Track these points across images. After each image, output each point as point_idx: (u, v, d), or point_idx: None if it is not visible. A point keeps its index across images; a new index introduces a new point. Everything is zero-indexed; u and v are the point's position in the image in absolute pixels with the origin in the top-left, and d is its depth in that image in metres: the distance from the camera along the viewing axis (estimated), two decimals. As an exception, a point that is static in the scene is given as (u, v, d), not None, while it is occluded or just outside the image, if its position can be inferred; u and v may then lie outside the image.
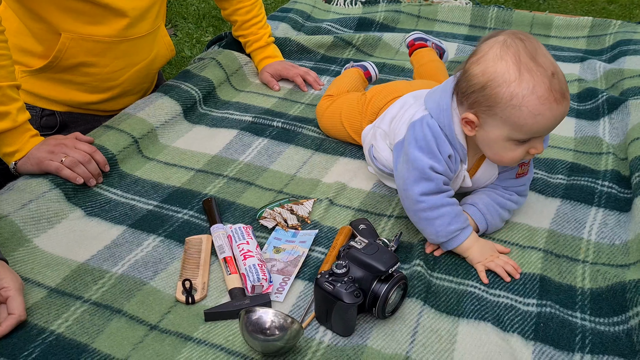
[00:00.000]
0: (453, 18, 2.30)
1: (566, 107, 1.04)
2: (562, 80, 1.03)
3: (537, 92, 1.01)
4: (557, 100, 1.02)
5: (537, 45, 1.04)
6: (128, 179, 1.37)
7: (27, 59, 1.43)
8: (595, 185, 1.35)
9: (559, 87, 1.02)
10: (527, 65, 1.01)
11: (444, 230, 1.12)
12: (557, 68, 1.04)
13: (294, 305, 1.05)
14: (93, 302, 1.04)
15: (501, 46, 1.04)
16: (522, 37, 1.05)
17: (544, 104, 1.01)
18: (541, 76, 1.01)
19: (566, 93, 1.03)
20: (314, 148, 1.51)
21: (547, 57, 1.04)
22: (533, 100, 1.01)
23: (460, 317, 1.02)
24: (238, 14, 1.81)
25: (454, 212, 1.13)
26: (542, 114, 1.02)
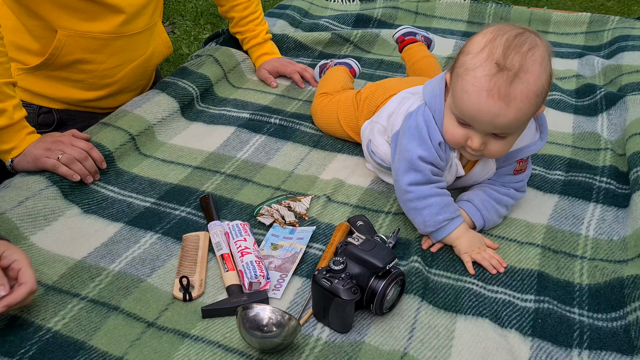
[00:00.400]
0: (451, 14, 2.30)
1: (501, 110, 1.00)
2: (516, 85, 0.98)
3: (477, 73, 1.01)
4: (489, 93, 0.99)
5: (527, 43, 1.00)
6: (125, 176, 1.36)
7: (24, 56, 1.42)
8: (593, 181, 1.35)
9: (502, 84, 0.99)
10: (493, 49, 1.00)
11: (431, 220, 1.13)
12: (525, 73, 0.99)
13: (292, 302, 1.05)
14: (90, 300, 1.04)
15: (497, 27, 1.04)
16: (525, 31, 1.02)
17: (475, 86, 1.01)
18: (493, 64, 0.99)
19: (509, 98, 0.99)
20: (311, 145, 1.50)
21: (525, 58, 0.99)
22: (469, 77, 1.01)
23: (458, 314, 1.02)
24: (235, 11, 1.80)
25: (442, 202, 1.14)
26: (469, 95, 1.02)
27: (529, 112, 1.03)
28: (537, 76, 1.01)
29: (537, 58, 1.01)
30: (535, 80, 1.01)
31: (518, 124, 1.05)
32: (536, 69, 1.00)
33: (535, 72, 1.00)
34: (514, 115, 1.01)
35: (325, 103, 1.52)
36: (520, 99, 1.00)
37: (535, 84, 1.01)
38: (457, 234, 1.14)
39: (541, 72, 1.01)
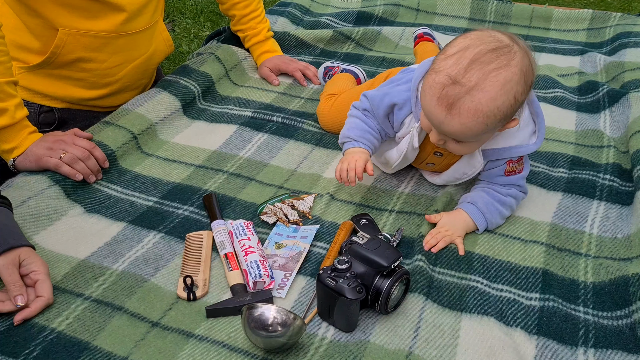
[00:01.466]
0: (452, 11, 2.29)
1: (445, 119, 1.02)
2: (464, 100, 0.99)
3: (436, 77, 1.03)
4: (439, 101, 1.02)
5: (495, 62, 0.99)
6: (128, 175, 1.36)
7: (25, 55, 1.42)
8: (597, 179, 1.34)
9: (451, 98, 1.00)
10: (460, 59, 1.01)
11: (342, 134, 1.28)
12: (478, 91, 0.99)
13: (296, 301, 1.05)
14: (94, 300, 1.03)
15: (478, 34, 1.04)
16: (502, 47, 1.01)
17: (431, 89, 1.04)
18: (450, 74, 1.00)
19: (453, 110, 1.01)
20: (314, 143, 1.50)
21: (485, 77, 0.99)
22: (430, 79, 1.05)
23: (463, 312, 1.01)
24: (236, 9, 1.79)
25: (358, 125, 1.25)
26: (424, 95, 1.06)
27: (476, 129, 1.03)
28: (492, 97, 1.00)
29: (500, 80, 1.00)
30: (489, 101, 1.00)
31: (466, 136, 1.06)
32: (493, 90, 1.00)
33: (491, 92, 1.00)
34: (458, 128, 1.03)
35: (332, 102, 1.52)
36: (466, 116, 1.01)
37: (487, 105, 1.00)
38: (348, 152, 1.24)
39: (499, 94, 1.00)
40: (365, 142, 1.24)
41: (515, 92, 1.02)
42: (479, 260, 1.13)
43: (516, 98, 1.03)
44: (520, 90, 1.03)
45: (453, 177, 1.27)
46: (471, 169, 1.22)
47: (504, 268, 1.11)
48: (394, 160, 1.28)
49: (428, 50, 1.73)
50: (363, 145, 1.24)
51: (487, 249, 1.16)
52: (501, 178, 1.21)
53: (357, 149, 1.23)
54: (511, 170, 1.20)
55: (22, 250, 1.02)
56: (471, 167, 1.22)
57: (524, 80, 1.03)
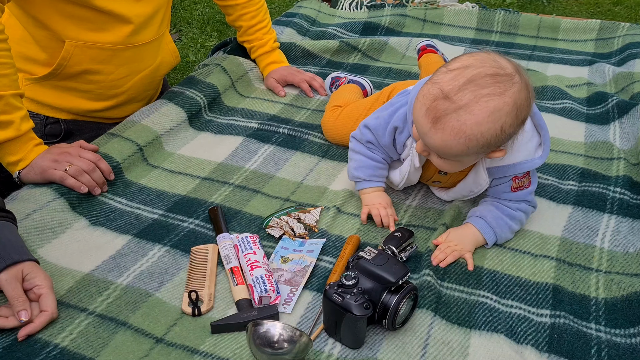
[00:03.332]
0: (459, 22, 2.28)
1: (430, 132, 1.02)
2: (450, 118, 0.99)
3: (431, 88, 1.02)
4: (427, 112, 1.02)
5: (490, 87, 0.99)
6: (133, 188, 1.35)
7: (31, 66, 1.42)
8: (607, 192, 1.32)
9: (439, 112, 1.00)
10: (458, 76, 1.00)
11: (350, 172, 1.30)
12: (467, 113, 0.98)
13: (302, 317, 1.03)
14: (98, 315, 1.02)
15: (483, 56, 1.03)
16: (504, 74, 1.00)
17: (423, 98, 1.03)
18: (444, 89, 1.00)
19: (438, 125, 1.00)
20: (320, 155, 1.49)
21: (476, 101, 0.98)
22: (425, 88, 1.04)
23: (472, 329, 1.00)
24: (243, 20, 1.79)
25: (365, 163, 1.27)
26: (417, 102, 1.05)
27: (456, 149, 1.02)
28: (477, 122, 0.99)
29: (490, 107, 0.99)
30: (474, 125, 0.99)
31: (445, 154, 1.05)
32: (481, 115, 0.99)
33: (478, 117, 0.99)
34: (439, 143, 1.03)
35: (338, 114, 1.51)
36: (449, 133, 1.01)
37: (471, 128, 0.99)
38: (365, 192, 1.28)
39: (486, 121, 0.99)
40: (377, 180, 1.28)
41: (503, 123, 1.00)
42: (488, 275, 1.11)
43: (503, 129, 1.01)
44: (509, 122, 1.01)
45: (460, 194, 1.26)
46: (477, 187, 1.21)
47: (513, 283, 1.09)
48: (397, 182, 1.29)
49: (432, 61, 1.72)
50: (376, 184, 1.28)
51: (496, 264, 1.14)
52: (508, 194, 1.19)
53: (373, 191, 1.27)
54: (518, 186, 1.18)
55: (25, 265, 1.01)
56: (477, 185, 1.20)
57: (516, 114, 1.01)
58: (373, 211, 1.24)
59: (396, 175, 1.28)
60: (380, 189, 1.28)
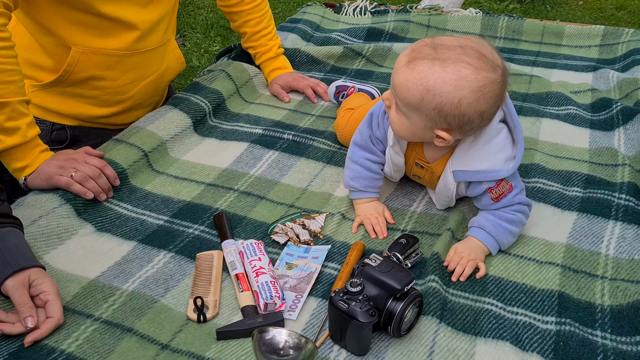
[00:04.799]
0: (463, 27, 2.28)
1: (402, 70, 1.05)
2: (422, 64, 1.02)
3: (424, 39, 1.08)
4: (410, 52, 1.06)
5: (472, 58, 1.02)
6: (138, 194, 1.36)
7: (37, 73, 1.42)
8: (612, 198, 1.32)
9: (419, 53, 1.04)
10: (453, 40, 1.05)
11: (346, 181, 1.31)
12: (437, 64, 1.01)
13: (307, 323, 1.03)
14: (104, 321, 1.02)
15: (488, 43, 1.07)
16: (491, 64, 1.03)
17: (411, 46, 1.07)
18: (435, 40, 1.05)
19: (411, 64, 1.04)
20: (325, 161, 1.49)
21: (453, 61, 1.01)
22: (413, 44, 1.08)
23: (478, 336, 1.00)
24: (247, 26, 1.80)
25: (362, 174, 1.28)
26: (405, 50, 1.08)
27: (412, 96, 1.05)
28: (444, 80, 1.02)
29: (462, 73, 1.01)
30: (439, 79, 1.02)
31: (402, 96, 1.06)
32: (450, 75, 1.01)
33: (446, 75, 1.02)
34: (402, 81, 1.05)
35: (350, 115, 1.51)
36: (415, 75, 1.03)
37: (435, 81, 1.02)
38: (358, 202, 1.30)
39: (451, 83, 1.01)
40: (371, 191, 1.30)
41: (462, 97, 1.02)
42: (493, 282, 1.11)
43: (460, 102, 1.02)
44: (468, 100, 1.02)
45: (442, 199, 1.26)
46: (447, 191, 1.21)
47: (518, 290, 1.09)
48: (389, 172, 1.30)
49: None
50: (370, 195, 1.30)
51: (501, 271, 1.14)
52: (494, 204, 1.19)
53: (367, 201, 1.29)
54: (497, 195, 1.17)
55: (32, 271, 1.01)
56: (447, 190, 1.21)
57: (478, 98, 1.02)
58: (365, 221, 1.26)
59: (387, 166, 1.28)
60: (374, 199, 1.30)
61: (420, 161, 1.23)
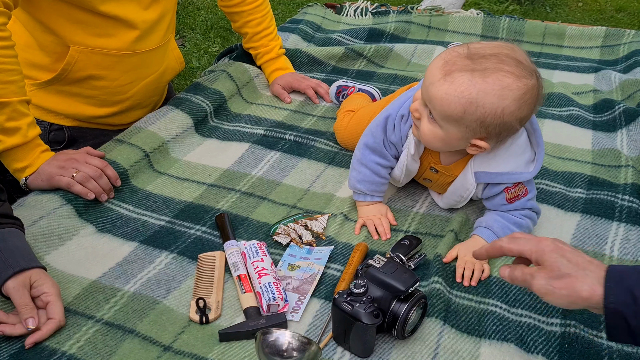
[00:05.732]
0: (464, 28, 2.28)
1: (437, 81, 1.02)
2: (462, 76, 1.00)
3: (457, 48, 1.06)
4: (444, 63, 1.03)
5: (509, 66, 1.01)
6: (139, 194, 1.35)
7: (36, 72, 1.41)
8: (616, 199, 1.32)
9: (456, 65, 1.02)
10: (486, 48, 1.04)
11: (352, 182, 1.28)
12: (478, 74, 1.00)
13: (311, 325, 1.03)
14: (105, 322, 1.02)
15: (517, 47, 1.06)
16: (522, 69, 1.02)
17: (443, 54, 1.05)
18: (471, 49, 1.03)
19: (449, 77, 1.01)
20: (326, 161, 1.49)
21: (494, 70, 1.00)
22: (448, 49, 1.07)
23: (482, 338, 0.99)
24: (249, 26, 1.79)
25: (369, 178, 1.25)
26: (434, 60, 1.07)
27: (453, 109, 1.03)
28: (486, 91, 1.00)
29: (504, 82, 1.00)
30: (481, 91, 1.00)
31: (441, 111, 1.04)
32: (492, 86, 1.00)
33: (489, 86, 1.00)
34: (441, 95, 1.03)
35: (350, 118, 1.50)
36: (455, 88, 1.01)
37: (477, 93, 1.00)
38: (362, 204, 1.28)
39: (494, 93, 1.00)
40: (377, 195, 1.28)
41: (505, 107, 1.01)
42: (497, 283, 1.11)
43: (503, 112, 1.01)
44: (510, 109, 1.01)
45: (452, 199, 1.25)
46: (465, 191, 1.20)
47: (523, 292, 1.09)
48: (398, 176, 1.28)
49: None
50: (376, 199, 1.28)
51: (505, 272, 1.13)
52: (506, 206, 1.18)
53: (370, 204, 1.28)
54: (512, 196, 1.17)
55: (33, 272, 1.00)
56: (464, 190, 1.20)
57: (520, 106, 1.02)
58: (367, 222, 1.25)
59: (396, 170, 1.27)
60: (379, 203, 1.29)
61: (435, 165, 1.22)
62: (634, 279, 0.74)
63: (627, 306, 0.72)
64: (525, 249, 0.83)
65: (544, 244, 0.82)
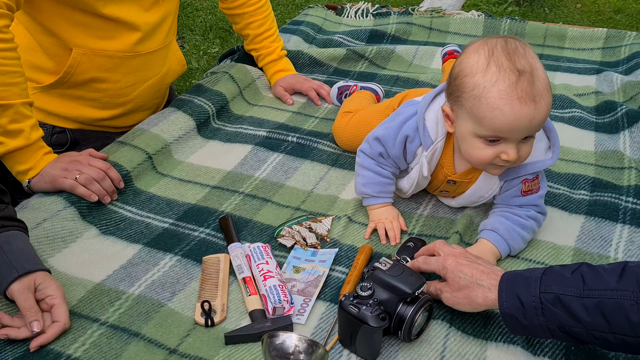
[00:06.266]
0: (465, 30, 2.28)
1: (535, 111, 1.00)
2: (536, 83, 1.00)
3: (498, 86, 1.00)
4: (520, 99, 0.99)
5: (519, 46, 1.02)
6: (143, 196, 1.34)
7: (38, 75, 1.41)
8: (619, 201, 1.32)
9: (527, 87, 0.99)
10: (498, 60, 1.01)
11: (358, 187, 1.27)
12: (536, 70, 1.01)
13: (316, 327, 1.02)
14: (110, 325, 1.01)
15: (482, 42, 1.05)
16: (506, 38, 1.05)
17: (504, 98, 1.00)
18: (509, 72, 1.00)
19: (537, 97, 1.00)
20: (330, 163, 1.48)
21: (528, 58, 1.01)
22: (493, 93, 1.00)
23: (489, 340, 0.99)
24: (250, 28, 1.79)
25: (374, 179, 1.25)
26: (501, 109, 1.00)
27: (551, 104, 1.05)
28: (543, 70, 1.04)
29: (533, 55, 1.04)
30: (544, 73, 1.03)
31: (542, 122, 1.05)
32: (539, 64, 1.04)
33: (540, 67, 1.03)
34: (546, 110, 1.03)
35: (349, 119, 1.50)
36: (545, 94, 1.02)
37: (546, 77, 1.03)
38: (372, 208, 1.27)
39: (542, 66, 1.04)
40: (385, 196, 1.27)
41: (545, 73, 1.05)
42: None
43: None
44: None
45: (469, 200, 1.25)
46: (488, 190, 1.20)
47: (528, 294, 1.08)
48: (406, 190, 1.28)
49: None
50: (384, 200, 1.27)
51: (510, 274, 1.13)
52: (518, 199, 1.19)
53: (381, 206, 1.26)
54: (527, 189, 1.18)
55: (37, 275, 1.00)
56: (488, 189, 1.20)
57: None
58: (378, 225, 1.24)
59: (404, 183, 1.27)
60: (388, 204, 1.27)
61: (452, 177, 1.21)
62: (520, 285, 0.89)
63: (517, 310, 0.88)
64: (435, 268, 1.01)
65: (447, 263, 0.98)
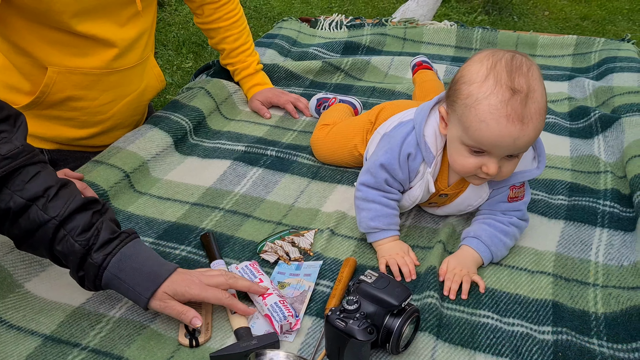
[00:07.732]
0: (439, 40, 2.31)
1: (521, 132, 1.00)
2: (529, 105, 0.99)
3: (490, 100, 1.00)
4: (508, 117, 0.99)
5: (524, 64, 1.02)
6: (121, 215, 1.32)
7: (14, 96, 1.38)
8: (597, 205, 1.34)
9: (518, 107, 0.99)
10: (497, 74, 1.01)
11: (364, 223, 1.21)
12: (533, 92, 1.00)
13: (303, 343, 1.01)
14: (91, 349, 0.99)
15: (489, 53, 1.05)
16: (514, 53, 1.05)
17: (492, 113, 1.00)
18: (504, 88, 1.00)
19: (526, 119, 1.00)
20: (310, 176, 1.48)
21: (528, 78, 1.00)
22: (483, 106, 1.01)
23: (477, 351, 0.99)
24: (226, 42, 1.78)
25: (381, 211, 1.19)
26: (487, 123, 1.01)
27: (541, 128, 1.05)
28: (542, 93, 1.03)
29: (537, 76, 1.03)
30: (541, 97, 1.03)
31: (532, 141, 1.05)
32: (540, 86, 1.03)
33: (539, 89, 1.02)
34: (533, 133, 1.03)
35: (327, 132, 1.50)
36: (536, 118, 1.02)
37: (542, 101, 1.03)
38: (382, 243, 1.20)
39: (543, 89, 1.04)
40: (394, 229, 1.21)
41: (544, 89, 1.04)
42: (486, 293, 1.11)
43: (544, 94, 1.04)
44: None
45: (457, 208, 1.25)
46: (477, 199, 1.21)
47: (513, 301, 1.09)
48: (406, 208, 1.26)
49: (427, 78, 1.73)
50: (393, 233, 1.21)
51: (494, 282, 1.14)
52: (504, 205, 1.20)
53: (390, 241, 1.20)
54: (514, 196, 1.19)
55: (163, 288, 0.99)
56: (477, 198, 1.20)
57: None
58: (390, 262, 1.16)
59: (405, 202, 1.24)
60: (396, 237, 1.21)
61: (444, 191, 1.22)
62: None
63: None
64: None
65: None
